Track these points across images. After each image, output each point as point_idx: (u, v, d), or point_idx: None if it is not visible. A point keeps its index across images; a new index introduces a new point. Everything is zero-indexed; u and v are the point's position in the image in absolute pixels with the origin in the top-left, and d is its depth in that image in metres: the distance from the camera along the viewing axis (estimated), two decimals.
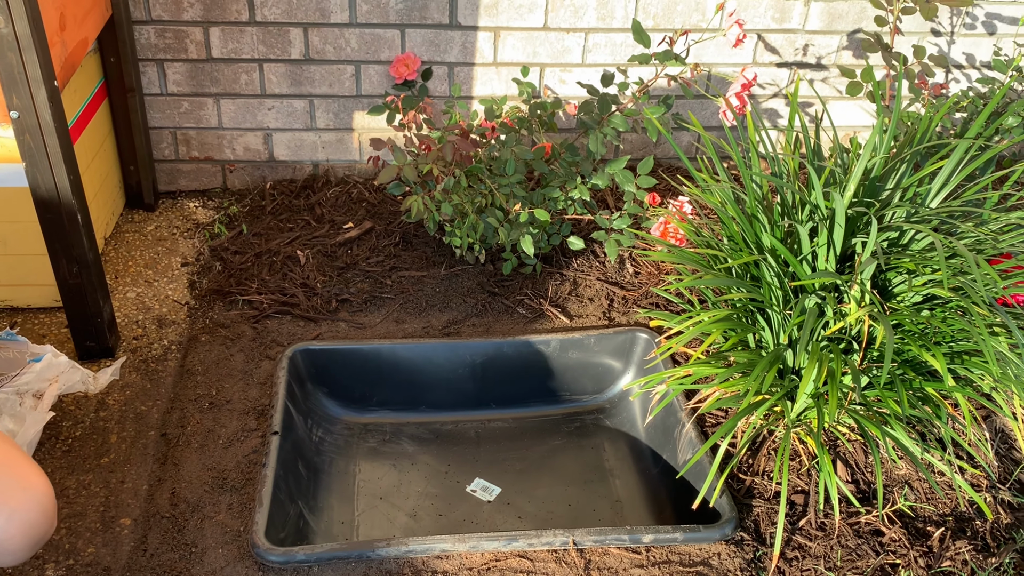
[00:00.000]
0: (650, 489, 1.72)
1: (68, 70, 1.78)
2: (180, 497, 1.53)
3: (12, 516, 1.02)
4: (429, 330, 1.94)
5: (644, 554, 1.46)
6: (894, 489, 1.59)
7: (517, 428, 1.87)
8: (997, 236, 1.50)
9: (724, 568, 1.45)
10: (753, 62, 2.46)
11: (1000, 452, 1.69)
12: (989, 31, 2.48)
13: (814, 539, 1.50)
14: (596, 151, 2.01)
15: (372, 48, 2.31)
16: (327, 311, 1.97)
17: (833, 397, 1.36)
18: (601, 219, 2.04)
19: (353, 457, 1.76)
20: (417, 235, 2.24)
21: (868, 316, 1.41)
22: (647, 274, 2.13)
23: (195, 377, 1.78)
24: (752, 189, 1.60)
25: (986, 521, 1.55)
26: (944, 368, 1.33)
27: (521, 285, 2.08)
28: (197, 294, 2.01)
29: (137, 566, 1.41)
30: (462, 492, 1.71)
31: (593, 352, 1.92)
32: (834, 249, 1.49)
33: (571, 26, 2.34)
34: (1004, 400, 1.52)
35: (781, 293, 1.53)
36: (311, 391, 1.82)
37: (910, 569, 1.46)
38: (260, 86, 2.33)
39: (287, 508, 1.55)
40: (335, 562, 1.41)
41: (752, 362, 1.49)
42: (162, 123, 2.36)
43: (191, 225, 2.28)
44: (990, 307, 1.42)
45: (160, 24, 2.22)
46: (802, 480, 1.60)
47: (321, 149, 2.44)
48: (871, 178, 1.56)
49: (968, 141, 1.53)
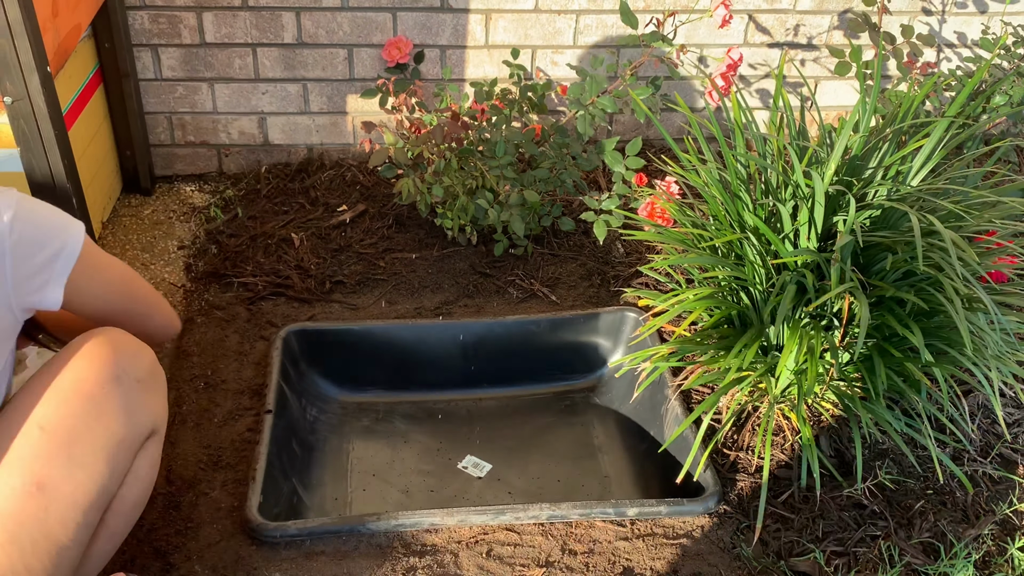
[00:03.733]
0: (637, 465, 1.75)
1: (62, 56, 1.81)
2: (176, 474, 1.57)
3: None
4: (421, 311, 1.97)
5: (629, 527, 1.50)
6: (876, 463, 1.62)
7: (508, 406, 1.91)
8: (978, 213, 1.52)
9: (707, 540, 1.48)
10: (744, 42, 2.47)
11: (982, 427, 1.72)
12: (980, 9, 2.48)
13: (796, 512, 1.53)
14: (585, 132, 2.03)
15: (364, 31, 2.32)
16: (321, 292, 2.00)
17: (812, 372, 1.39)
18: (590, 200, 2.07)
19: (346, 435, 1.80)
20: (410, 217, 2.27)
21: (848, 293, 1.43)
22: (636, 254, 2.15)
23: (191, 358, 1.82)
24: (735, 169, 1.62)
25: (967, 494, 1.58)
26: (921, 343, 1.35)
27: (512, 266, 2.11)
28: (193, 277, 2.05)
29: (134, 541, 1.44)
30: (454, 469, 1.75)
31: (583, 332, 1.95)
32: (815, 227, 1.51)
33: (562, 8, 2.35)
34: (983, 375, 1.55)
35: (764, 271, 1.56)
36: (305, 371, 1.86)
37: (890, 540, 1.49)
38: (254, 70, 2.36)
39: (281, 485, 1.59)
40: (327, 536, 1.45)
41: (735, 339, 1.52)
42: (157, 108, 2.38)
43: (187, 209, 2.31)
44: (967, 282, 1.45)
45: (153, 9, 2.24)
46: (785, 455, 1.63)
47: (315, 133, 2.47)
48: (852, 157, 1.58)
49: (948, 120, 1.54)
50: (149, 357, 1.24)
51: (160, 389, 1.26)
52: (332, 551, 1.43)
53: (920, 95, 1.62)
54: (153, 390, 1.23)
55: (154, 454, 1.26)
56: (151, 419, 1.22)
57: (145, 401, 1.21)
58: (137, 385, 1.19)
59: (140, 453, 1.22)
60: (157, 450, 1.27)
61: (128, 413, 1.18)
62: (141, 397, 1.20)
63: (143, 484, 1.25)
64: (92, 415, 1.14)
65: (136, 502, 1.26)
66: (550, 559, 1.44)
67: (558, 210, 2.16)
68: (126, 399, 1.17)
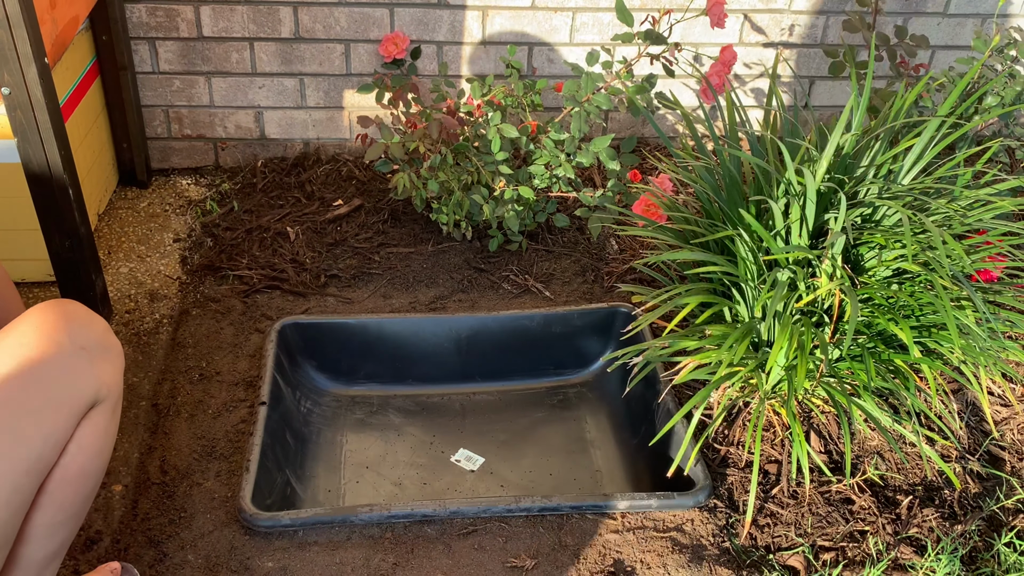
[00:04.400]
0: (629, 459, 1.76)
1: (59, 47, 1.81)
2: (170, 465, 1.57)
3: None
4: (416, 305, 1.98)
5: (620, 520, 1.51)
6: (865, 459, 1.64)
7: (501, 401, 1.92)
8: (966, 212, 1.54)
9: (697, 534, 1.49)
10: (739, 41, 2.48)
11: (971, 424, 1.74)
12: (973, 11, 2.50)
13: (786, 507, 1.55)
14: (580, 129, 2.04)
15: (361, 27, 2.33)
16: (316, 286, 2.01)
17: (802, 368, 1.41)
18: (585, 196, 2.08)
19: (340, 428, 1.81)
20: (405, 212, 2.27)
21: (838, 290, 1.45)
22: (630, 251, 2.16)
23: (186, 350, 1.83)
24: (728, 167, 1.63)
25: (954, 490, 1.60)
26: (910, 340, 1.37)
27: (507, 261, 2.12)
28: (189, 269, 2.05)
29: (128, 530, 1.45)
30: (447, 462, 1.76)
31: (576, 327, 1.96)
32: (807, 225, 1.53)
33: (559, 5, 2.36)
34: (972, 373, 1.56)
35: (755, 267, 1.57)
36: (300, 364, 1.87)
37: (878, 536, 1.50)
38: (251, 64, 2.36)
39: (274, 476, 1.60)
40: (319, 527, 1.46)
41: (726, 334, 1.53)
42: (154, 101, 2.39)
43: (183, 202, 2.32)
44: (956, 281, 1.46)
45: (151, 2, 2.25)
46: (776, 450, 1.64)
47: (312, 127, 2.47)
48: (844, 155, 1.59)
49: (939, 119, 1.56)
50: (100, 326, 1.22)
51: (111, 359, 1.23)
52: (325, 542, 1.44)
53: (912, 95, 1.64)
54: (101, 359, 1.20)
55: (99, 423, 1.22)
56: (94, 388, 1.19)
57: (89, 369, 1.18)
58: (81, 352, 1.17)
59: (83, 422, 1.19)
60: (104, 420, 1.23)
61: (68, 379, 1.15)
62: (84, 364, 1.17)
63: (87, 453, 1.21)
64: (30, 380, 1.12)
65: (82, 471, 1.22)
66: (541, 551, 1.45)
67: (552, 206, 2.17)
68: (66, 365, 1.15)
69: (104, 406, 1.22)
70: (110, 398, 1.22)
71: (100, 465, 1.25)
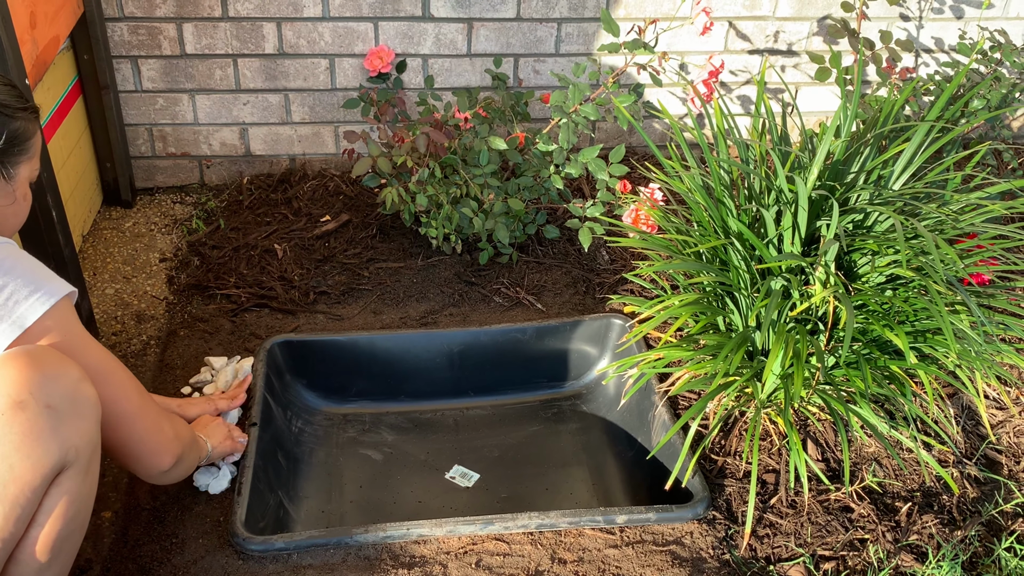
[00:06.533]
0: (626, 472, 1.75)
1: (40, 68, 1.79)
2: (160, 489, 1.55)
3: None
4: (407, 320, 1.96)
5: (618, 534, 1.49)
6: (863, 466, 1.63)
7: (495, 415, 1.90)
8: (957, 216, 1.53)
9: (696, 546, 1.48)
10: (725, 49, 2.48)
11: (967, 428, 1.73)
12: (956, 15, 2.51)
13: (785, 517, 1.54)
14: (568, 140, 2.03)
15: (346, 41, 2.32)
16: (305, 303, 1.99)
17: (798, 376, 1.40)
18: (574, 207, 2.07)
19: (333, 447, 1.79)
20: (394, 227, 2.26)
21: (832, 297, 1.44)
22: (621, 261, 2.15)
23: (174, 371, 1.80)
24: (718, 175, 1.62)
25: (952, 496, 1.59)
26: (906, 346, 1.36)
27: (497, 274, 2.10)
28: (175, 289, 2.03)
29: (119, 557, 1.42)
30: (441, 479, 1.74)
31: (569, 339, 1.94)
32: (799, 232, 1.52)
33: (544, 16, 2.36)
34: (967, 377, 1.56)
35: (748, 276, 1.56)
36: (290, 383, 1.84)
37: (878, 544, 1.49)
38: (235, 81, 2.34)
39: (267, 498, 1.57)
40: (314, 549, 1.44)
41: (721, 344, 1.52)
42: (138, 120, 2.37)
43: (169, 221, 2.29)
44: (950, 285, 1.46)
45: (133, 21, 2.23)
46: (773, 459, 1.63)
47: (297, 143, 2.46)
48: (834, 161, 1.59)
49: (928, 124, 1.56)
50: (70, 380, 1.11)
51: (82, 413, 1.12)
52: (319, 564, 1.42)
53: (900, 100, 1.64)
54: (70, 416, 1.10)
55: (71, 488, 1.12)
56: (61, 451, 1.09)
57: (54, 431, 1.08)
58: (47, 411, 1.07)
59: (52, 489, 1.10)
60: (75, 484, 1.13)
61: (29, 445, 1.06)
62: (50, 426, 1.07)
63: (59, 521, 1.12)
64: None
65: (53, 540, 1.12)
66: (540, 568, 1.43)
67: (543, 218, 2.16)
68: (30, 428, 1.05)
69: (74, 470, 1.12)
70: (80, 460, 1.13)
71: (76, 528, 1.17)
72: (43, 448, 1.07)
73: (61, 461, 1.10)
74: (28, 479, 1.07)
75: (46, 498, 1.11)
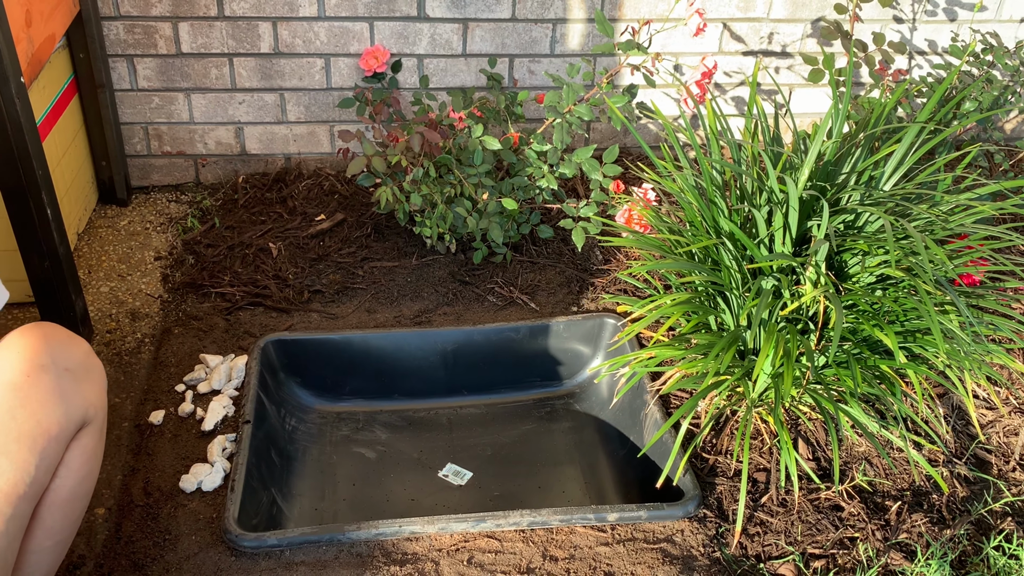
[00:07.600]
0: (618, 470, 1.76)
1: (35, 66, 1.79)
2: (154, 486, 1.55)
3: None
4: (401, 319, 1.96)
5: (609, 532, 1.50)
6: (853, 465, 1.64)
7: (488, 414, 1.91)
8: (948, 217, 1.54)
9: (687, 544, 1.49)
10: (719, 51, 2.49)
11: (957, 428, 1.74)
12: (950, 17, 2.52)
13: (775, 515, 1.55)
14: (562, 140, 2.04)
15: (341, 41, 2.33)
16: (299, 302, 2.00)
17: (788, 375, 1.40)
18: (568, 207, 2.08)
19: (326, 445, 1.79)
20: (388, 226, 2.27)
21: (823, 296, 1.45)
22: (615, 260, 2.16)
23: (168, 369, 1.81)
24: (710, 175, 1.63)
25: (942, 495, 1.60)
26: (895, 345, 1.37)
27: (491, 274, 2.11)
28: (170, 287, 2.03)
29: (112, 554, 1.43)
30: (434, 477, 1.74)
31: (562, 338, 1.95)
32: (790, 232, 1.53)
33: (539, 17, 2.37)
34: (957, 377, 1.57)
35: (740, 276, 1.57)
36: (284, 381, 1.85)
37: (868, 542, 1.50)
38: (230, 80, 2.35)
39: (260, 495, 1.58)
40: (306, 546, 1.44)
41: (712, 343, 1.53)
42: (133, 118, 2.37)
43: (164, 219, 2.30)
44: (939, 285, 1.47)
45: (129, 20, 2.23)
46: (764, 458, 1.64)
47: (293, 142, 2.46)
48: (825, 162, 1.60)
49: (919, 125, 1.57)
50: (82, 348, 1.22)
51: (95, 379, 1.23)
52: (312, 561, 1.43)
53: (891, 101, 1.65)
54: (85, 380, 1.20)
55: (88, 445, 1.22)
56: (82, 409, 1.19)
57: (76, 390, 1.18)
58: (66, 374, 1.17)
59: (72, 444, 1.19)
60: (92, 442, 1.23)
61: (56, 402, 1.15)
62: (71, 386, 1.17)
63: (77, 476, 1.21)
64: (17, 404, 1.12)
65: (71, 495, 1.22)
66: (531, 566, 1.44)
67: (536, 217, 2.17)
68: (54, 388, 1.15)
69: (92, 427, 1.21)
70: (97, 419, 1.22)
71: (88, 487, 1.24)
72: (67, 405, 1.16)
73: (83, 417, 1.19)
74: (55, 432, 1.14)
75: (67, 452, 1.18)
